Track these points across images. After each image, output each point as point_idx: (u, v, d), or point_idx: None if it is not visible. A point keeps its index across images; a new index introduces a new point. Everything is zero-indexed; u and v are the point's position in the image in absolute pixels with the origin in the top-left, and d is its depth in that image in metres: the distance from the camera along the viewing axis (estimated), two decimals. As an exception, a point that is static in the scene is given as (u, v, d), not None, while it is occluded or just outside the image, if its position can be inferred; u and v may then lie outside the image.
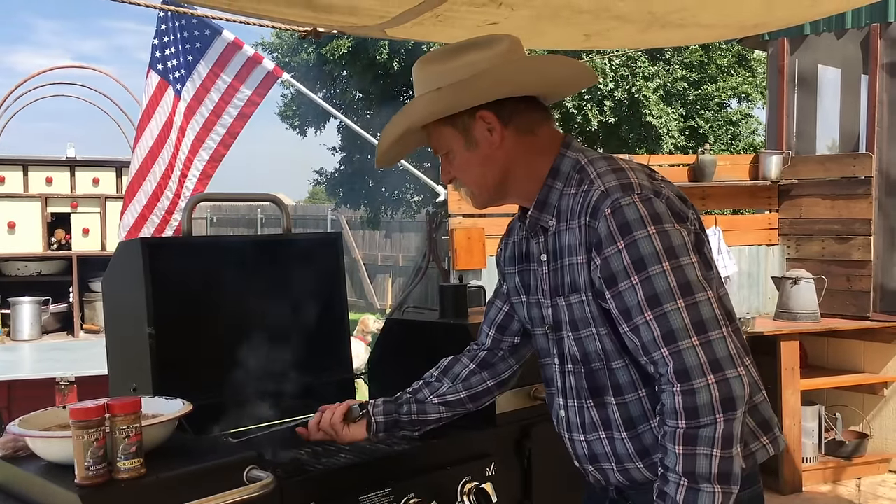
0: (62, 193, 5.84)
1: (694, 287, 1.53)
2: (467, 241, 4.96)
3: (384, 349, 2.63)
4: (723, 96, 9.88)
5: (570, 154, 1.72)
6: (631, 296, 1.55)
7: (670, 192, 1.66)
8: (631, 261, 1.55)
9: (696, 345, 1.50)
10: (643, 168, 1.70)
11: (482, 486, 2.13)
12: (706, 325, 1.52)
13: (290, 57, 10.13)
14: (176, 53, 4.91)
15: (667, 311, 1.52)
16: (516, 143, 1.72)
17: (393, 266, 15.76)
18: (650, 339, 1.54)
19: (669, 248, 1.55)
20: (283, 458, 2.08)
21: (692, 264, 1.56)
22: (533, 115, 1.74)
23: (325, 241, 2.65)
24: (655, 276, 1.53)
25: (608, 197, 1.58)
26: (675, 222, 1.59)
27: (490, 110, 1.70)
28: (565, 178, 1.70)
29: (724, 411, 1.48)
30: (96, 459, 1.62)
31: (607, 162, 1.68)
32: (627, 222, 1.56)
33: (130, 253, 2.27)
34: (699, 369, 1.49)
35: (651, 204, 1.58)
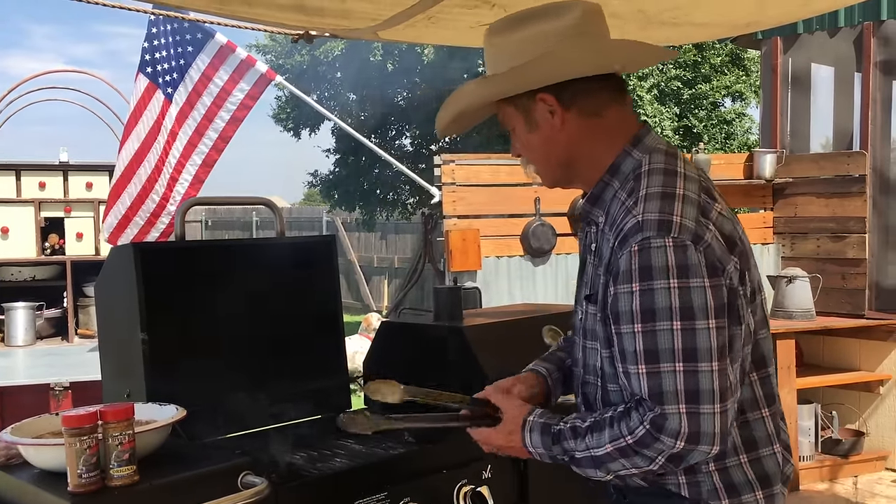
0: (55, 198, 5.81)
1: (700, 355, 1.43)
2: (462, 243, 4.96)
3: (379, 352, 2.62)
4: (717, 95, 9.90)
5: (635, 153, 1.61)
6: (629, 342, 1.48)
7: (716, 235, 1.50)
8: (640, 308, 1.45)
9: (683, 412, 1.43)
10: (699, 196, 1.54)
11: (478, 489, 2.13)
12: (699, 396, 1.43)
13: (284, 59, 10.12)
14: (167, 57, 4.89)
15: (662, 371, 1.44)
16: (580, 127, 1.61)
17: (389, 268, 15.73)
18: (637, 389, 1.48)
19: (687, 308, 1.44)
20: (279, 463, 2.06)
21: (708, 330, 1.44)
22: (600, 95, 1.62)
23: (319, 244, 2.65)
24: (661, 333, 1.44)
25: (640, 231, 1.47)
26: (706, 276, 1.45)
27: (551, 93, 1.59)
28: (623, 178, 1.60)
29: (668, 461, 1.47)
30: (89, 467, 1.61)
31: (664, 180, 1.54)
32: (650, 267, 1.45)
33: (123, 258, 2.26)
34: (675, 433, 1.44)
35: (684, 253, 1.45)
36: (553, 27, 1.59)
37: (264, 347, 2.45)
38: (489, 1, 2.40)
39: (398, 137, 10.92)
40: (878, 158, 5.61)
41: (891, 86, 5.70)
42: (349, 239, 16.95)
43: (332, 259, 2.64)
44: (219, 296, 2.38)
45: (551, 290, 5.25)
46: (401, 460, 2.12)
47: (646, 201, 1.51)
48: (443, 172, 5.00)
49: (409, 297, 10.13)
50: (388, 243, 16.12)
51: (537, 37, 1.59)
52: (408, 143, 10.93)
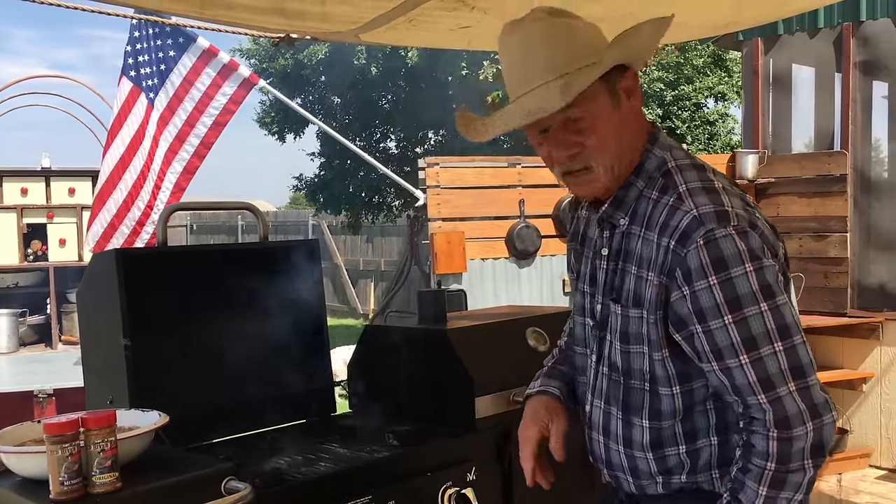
0: (38, 204, 5.79)
1: (791, 329, 1.45)
2: (447, 246, 4.96)
3: (364, 356, 2.62)
4: (699, 96, 9.95)
5: (656, 151, 1.60)
6: (723, 336, 1.46)
7: (764, 222, 1.54)
8: (725, 299, 1.44)
9: (794, 391, 1.43)
10: (735, 190, 1.57)
11: (463, 491, 2.13)
12: (804, 370, 1.45)
13: (268, 63, 10.10)
14: (149, 62, 4.86)
15: (763, 356, 1.44)
16: (634, 110, 1.59)
17: (375, 271, 15.71)
18: (744, 383, 1.46)
19: (766, 287, 1.45)
20: (263, 467, 2.06)
21: (787, 304, 1.47)
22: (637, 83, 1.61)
23: (303, 248, 2.64)
24: (752, 318, 1.44)
25: (702, 226, 1.46)
26: (769, 257, 1.48)
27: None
28: (648, 177, 1.58)
29: (813, 457, 1.45)
30: (71, 474, 1.60)
31: (698, 174, 1.55)
32: (723, 258, 1.44)
33: (105, 264, 2.25)
34: (799, 417, 1.43)
35: (748, 238, 1.46)
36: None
37: (248, 352, 2.44)
38: (468, 3, 2.41)
39: (383, 140, 10.92)
40: (858, 158, 5.66)
41: (871, 86, 5.75)
42: (335, 242, 16.92)
43: (315, 263, 2.64)
44: (202, 301, 2.37)
45: (536, 291, 5.26)
46: (385, 463, 2.12)
47: (692, 196, 1.51)
48: (427, 175, 5.01)
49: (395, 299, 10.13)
50: (374, 246, 16.10)
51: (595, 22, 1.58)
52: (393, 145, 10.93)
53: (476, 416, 2.28)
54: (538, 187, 5.39)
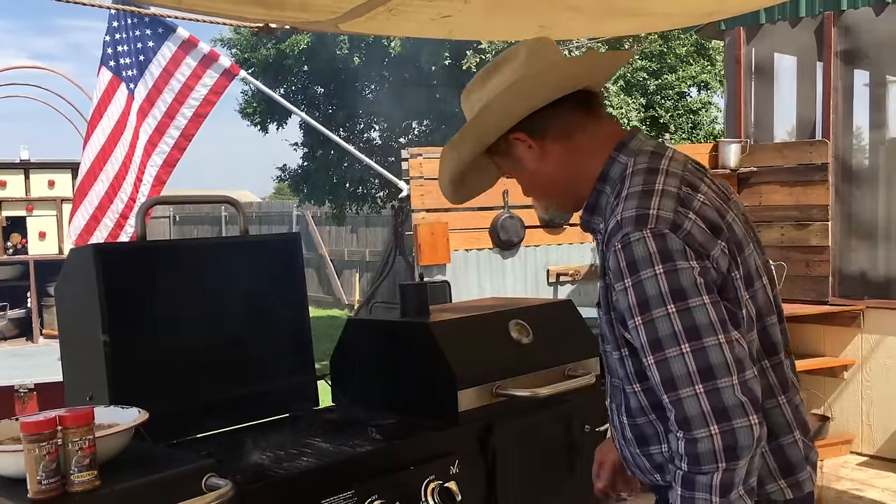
0: (17, 197, 5.72)
1: (702, 331, 1.44)
2: (431, 237, 4.95)
3: (347, 349, 2.61)
4: (682, 85, 9.96)
5: (621, 158, 1.64)
6: (636, 336, 1.50)
7: (697, 222, 1.51)
8: (636, 301, 1.48)
9: (700, 392, 1.42)
10: (679, 189, 1.55)
11: (446, 484, 2.12)
12: (714, 371, 1.43)
13: (250, 53, 10.01)
14: (128, 52, 4.80)
15: (668, 357, 1.45)
16: (560, 152, 1.66)
17: (360, 261, 15.69)
18: (656, 383, 1.49)
19: (678, 290, 1.45)
20: (244, 463, 2.05)
21: (703, 305, 1.45)
22: (568, 116, 1.65)
23: (284, 241, 2.62)
24: (659, 319, 1.46)
25: (620, 230, 1.51)
26: (690, 259, 1.47)
27: (519, 130, 1.65)
28: (612, 184, 1.63)
29: (726, 460, 1.42)
30: (49, 473, 1.58)
31: (644, 178, 1.57)
32: (635, 260, 1.48)
33: (83, 259, 2.23)
34: (701, 419, 1.42)
35: (663, 240, 1.47)
36: (508, 70, 1.65)
37: (230, 347, 2.42)
38: (449, -7, 2.39)
39: (367, 131, 10.87)
40: (839, 147, 5.68)
41: (852, 74, 5.77)
42: (320, 233, 16.87)
43: (297, 256, 2.62)
44: (182, 296, 2.35)
45: (520, 282, 5.26)
46: (368, 458, 2.12)
47: (626, 201, 1.54)
48: (410, 166, 4.98)
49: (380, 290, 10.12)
50: (358, 237, 16.07)
51: (498, 83, 1.64)
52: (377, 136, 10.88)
53: (459, 409, 2.28)
54: (522, 177, 5.38)
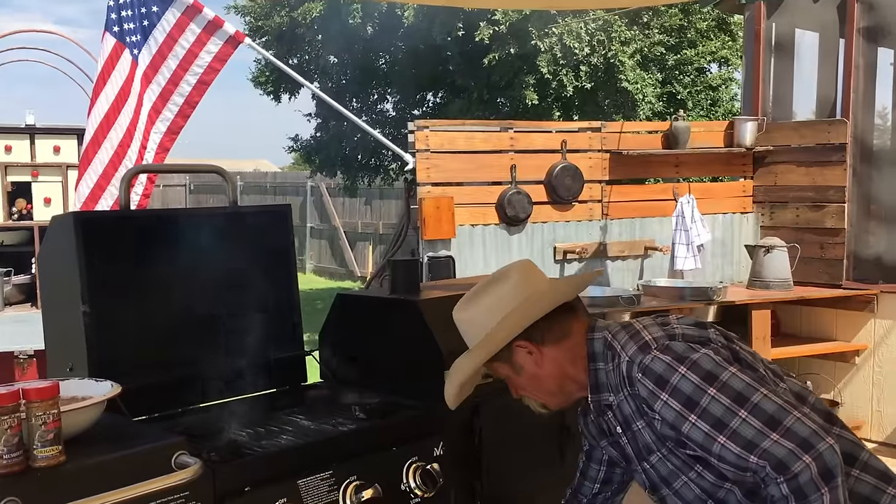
0: (22, 162, 5.68)
1: (746, 393, 1.65)
2: (436, 211, 4.87)
3: (335, 325, 2.56)
4: (702, 61, 9.76)
5: (597, 336, 1.87)
6: (697, 433, 1.66)
7: (683, 327, 1.80)
8: (681, 404, 1.67)
9: (778, 439, 1.59)
10: (654, 320, 1.86)
11: (428, 466, 2.07)
12: (777, 417, 1.61)
13: (263, 21, 9.88)
14: (132, 17, 4.72)
15: (735, 429, 1.62)
16: (557, 353, 1.88)
17: (373, 233, 15.66)
18: (735, 457, 1.62)
19: (707, 374, 1.67)
20: (221, 440, 2.00)
21: (734, 375, 1.68)
22: (564, 321, 1.89)
23: (273, 213, 2.56)
24: (709, 406, 1.65)
25: (633, 363, 1.75)
26: (699, 349, 1.72)
27: (524, 338, 1.86)
28: (602, 356, 1.85)
29: (826, 483, 1.56)
30: (10, 447, 1.54)
31: (625, 331, 1.84)
32: (659, 375, 1.70)
33: (64, 228, 2.18)
34: (791, 456, 1.57)
35: (670, 349, 1.73)
36: (504, 290, 1.89)
37: (215, 320, 2.37)
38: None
39: (380, 102, 10.72)
40: (859, 127, 5.54)
41: (875, 52, 5.61)
42: (333, 204, 16.82)
43: (286, 228, 2.56)
44: (166, 267, 2.30)
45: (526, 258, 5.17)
46: (349, 437, 2.06)
47: (624, 348, 1.80)
48: (416, 139, 4.89)
49: (391, 263, 10.08)
50: (372, 209, 16.01)
51: (496, 302, 1.89)
52: (390, 107, 10.75)
53: (445, 389, 2.21)
54: (530, 152, 5.27)
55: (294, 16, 9.29)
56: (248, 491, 1.82)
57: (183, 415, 2.24)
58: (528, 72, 8.73)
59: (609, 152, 5.52)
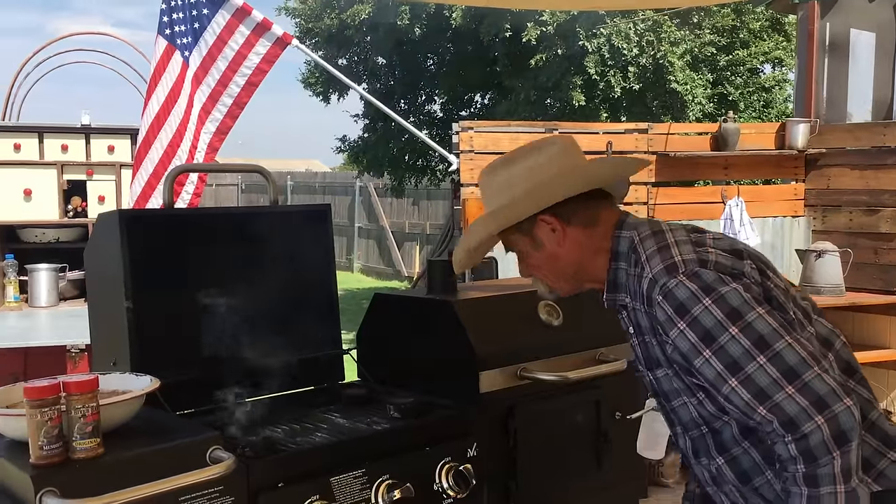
0: (78, 161, 5.82)
1: (769, 339, 1.53)
2: (480, 212, 4.84)
3: (372, 324, 2.57)
4: (755, 62, 9.59)
5: (624, 234, 1.75)
6: (709, 369, 1.56)
7: (718, 253, 1.65)
8: (698, 337, 1.56)
9: (792, 393, 1.49)
10: (689, 236, 1.69)
11: (461, 467, 2.07)
12: (796, 370, 1.50)
13: (313, 23, 10.01)
14: (183, 19, 4.82)
15: (750, 373, 1.52)
16: (581, 237, 1.77)
17: (420, 234, 15.71)
18: (744, 404, 1.53)
19: (731, 312, 1.55)
20: (257, 436, 2.03)
21: (760, 317, 1.54)
22: (594, 205, 1.78)
23: (313, 212, 2.59)
24: (727, 344, 1.54)
25: (656, 283, 1.61)
26: (728, 283, 1.58)
27: (551, 213, 1.74)
28: (626, 258, 1.74)
29: (838, 446, 1.47)
30: (50, 439, 1.59)
31: (655, 240, 1.69)
32: (681, 303, 1.58)
33: (109, 225, 2.23)
34: (803, 414, 1.47)
35: (698, 277, 1.58)
36: (540, 160, 1.76)
37: (254, 318, 2.40)
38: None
39: (428, 103, 10.77)
40: (916, 129, 5.39)
41: (933, 53, 5.46)
42: (381, 204, 16.93)
43: (326, 228, 2.58)
44: (208, 264, 2.34)
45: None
46: (382, 436, 2.07)
47: (648, 261, 1.66)
48: (461, 139, 4.90)
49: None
50: (419, 209, 16.07)
51: (528, 170, 1.76)
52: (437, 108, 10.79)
53: (480, 390, 2.22)
54: (576, 154, 5.24)
55: (343, 18, 9.38)
56: (282, 487, 1.84)
57: (222, 410, 2.27)
58: (576, 73, 8.68)
59: (656, 154, 5.46)
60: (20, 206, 5.73)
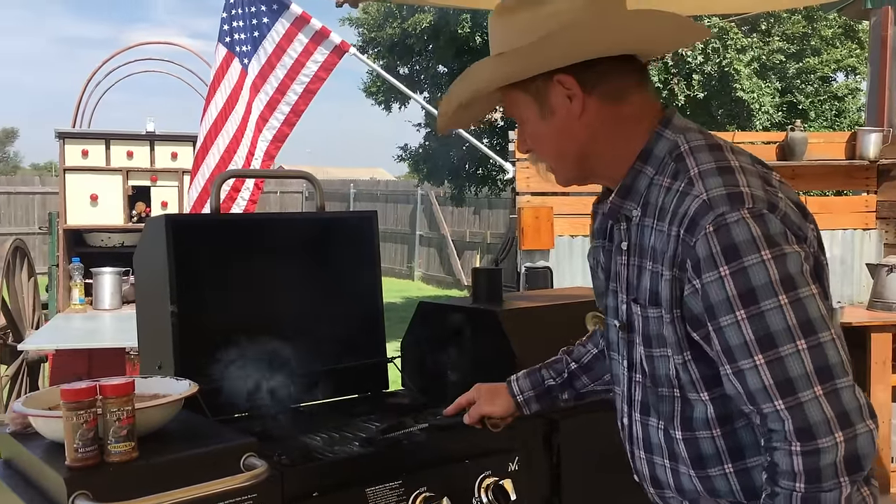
0: (142, 167, 5.98)
1: (817, 325, 1.27)
2: (535, 221, 4.81)
3: (417, 333, 2.54)
4: (826, 70, 9.30)
5: (668, 134, 1.44)
6: (735, 334, 1.29)
7: (788, 203, 1.36)
8: (738, 291, 1.27)
9: (820, 395, 1.24)
10: (756, 167, 1.40)
11: (502, 482, 2.01)
12: (833, 371, 1.25)
13: (376, 32, 10.10)
14: (243, 28, 4.89)
15: (783, 355, 1.26)
16: (601, 114, 1.45)
17: (481, 243, 15.68)
18: (759, 388, 1.28)
19: (788, 278, 1.27)
20: (295, 443, 2.01)
21: (813, 296, 1.28)
22: (625, 78, 1.46)
23: (359, 220, 2.57)
24: (770, 312, 1.26)
25: (711, 210, 1.30)
26: (793, 243, 1.30)
27: (570, 73, 1.42)
28: (658, 163, 1.43)
29: (849, 473, 1.25)
30: (86, 441, 1.59)
31: (713, 155, 1.39)
32: (735, 244, 1.28)
33: (156, 230, 2.25)
34: (825, 426, 1.24)
35: (765, 221, 1.29)
36: (569, 4, 1.42)
37: (299, 324, 2.40)
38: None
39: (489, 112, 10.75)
40: None
41: None
42: (442, 213, 16.96)
43: (372, 236, 2.56)
44: (254, 270, 2.34)
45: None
46: (422, 447, 2.03)
47: (703, 179, 1.35)
48: (516, 147, 4.84)
49: (496, 273, 10.05)
50: (480, 218, 16.04)
51: (553, 14, 1.41)
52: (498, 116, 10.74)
53: (523, 403, 2.16)
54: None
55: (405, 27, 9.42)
56: (316, 496, 1.82)
57: (262, 416, 2.27)
58: (639, 80, 8.54)
59: (719, 164, 5.31)
60: (87, 210, 5.91)
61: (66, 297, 5.86)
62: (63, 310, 5.85)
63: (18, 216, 16.97)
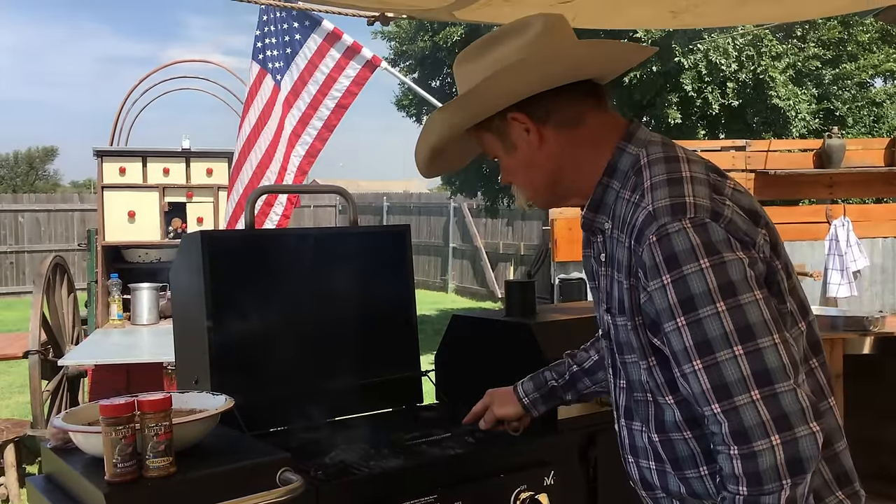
0: (178, 183, 6.06)
1: (756, 330, 1.31)
2: (568, 232, 4.79)
3: (450, 346, 2.54)
4: (864, 75, 9.15)
5: (630, 149, 1.51)
6: (677, 340, 1.35)
7: (736, 210, 1.41)
8: (678, 299, 1.33)
9: (757, 399, 1.28)
10: (708, 175, 1.45)
11: (537, 496, 2.00)
12: (772, 376, 1.29)
13: (407, 45, 10.16)
14: (276, 44, 4.95)
15: (720, 361, 1.30)
16: (559, 141, 1.53)
17: (514, 254, 15.64)
18: (699, 392, 1.33)
19: (727, 284, 1.31)
20: (330, 458, 2.01)
21: (756, 301, 1.32)
22: (577, 105, 1.53)
23: (392, 234, 2.58)
24: (707, 319, 1.31)
25: (654, 220, 1.37)
26: (736, 250, 1.34)
27: (521, 110, 1.52)
28: (623, 177, 1.50)
29: (791, 476, 1.27)
30: (124, 457, 1.60)
31: (667, 167, 1.44)
32: (675, 254, 1.34)
33: (192, 246, 2.27)
34: (760, 429, 1.27)
35: (705, 230, 1.34)
36: (516, 44, 1.51)
37: (334, 338, 2.41)
38: (569, -24, 2.25)
39: (520, 123, 10.76)
40: None
41: None
42: (476, 225, 16.96)
43: (405, 250, 2.56)
44: (288, 285, 2.36)
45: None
46: (457, 461, 2.02)
47: (653, 191, 1.42)
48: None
49: (530, 285, 10.02)
50: (514, 230, 16.01)
51: (497, 59, 1.51)
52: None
53: (558, 416, 2.15)
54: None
55: (436, 40, 9.46)
56: (352, 511, 1.82)
57: (298, 431, 2.28)
58: (672, 90, 8.49)
59: (755, 172, 5.26)
60: (125, 227, 5.99)
61: (105, 312, 5.94)
62: (102, 325, 5.94)
63: (58, 233, 17.30)
